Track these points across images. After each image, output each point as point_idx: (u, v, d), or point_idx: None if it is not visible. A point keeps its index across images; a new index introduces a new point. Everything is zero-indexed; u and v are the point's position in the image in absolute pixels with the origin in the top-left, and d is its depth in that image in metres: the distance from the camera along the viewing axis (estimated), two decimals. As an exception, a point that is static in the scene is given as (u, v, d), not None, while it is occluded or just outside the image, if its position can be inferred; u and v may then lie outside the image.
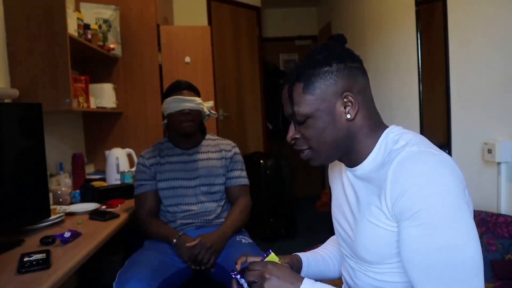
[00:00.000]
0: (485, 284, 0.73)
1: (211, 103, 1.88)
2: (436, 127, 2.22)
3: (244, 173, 1.86)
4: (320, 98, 0.84)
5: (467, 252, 0.71)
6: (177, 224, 1.73)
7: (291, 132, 0.90)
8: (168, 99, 1.73)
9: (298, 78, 0.86)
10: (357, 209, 0.88)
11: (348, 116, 0.84)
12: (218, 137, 1.91)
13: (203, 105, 1.78)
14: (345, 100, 0.84)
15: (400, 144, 0.81)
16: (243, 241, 1.67)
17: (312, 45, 0.90)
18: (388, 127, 0.89)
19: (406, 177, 0.74)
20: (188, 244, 1.56)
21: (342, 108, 0.84)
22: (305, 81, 0.85)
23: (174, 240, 1.60)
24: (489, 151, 1.64)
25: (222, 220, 1.75)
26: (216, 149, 1.84)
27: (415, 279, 0.75)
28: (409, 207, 0.73)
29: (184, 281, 1.65)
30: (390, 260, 0.83)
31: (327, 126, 0.84)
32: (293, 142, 0.91)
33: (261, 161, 3.53)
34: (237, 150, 1.88)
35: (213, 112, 1.87)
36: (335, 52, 0.86)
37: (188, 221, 1.73)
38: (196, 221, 1.73)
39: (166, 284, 1.51)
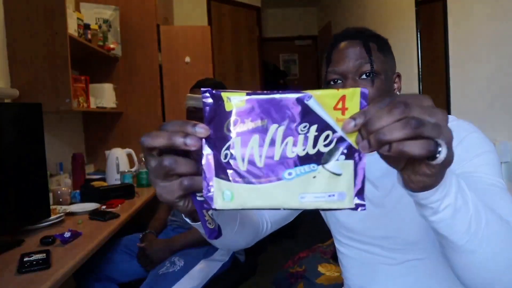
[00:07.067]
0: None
1: None
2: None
3: None
4: (389, 64, 0.83)
5: None
6: (168, 220, 1.78)
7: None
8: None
9: (369, 38, 0.81)
10: (381, 195, 0.85)
11: (398, 93, 0.85)
12: None
13: None
14: (397, 79, 0.86)
15: None
16: (161, 270, 1.47)
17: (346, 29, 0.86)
18: None
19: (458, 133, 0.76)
20: (138, 244, 1.64)
21: (394, 85, 0.85)
22: (377, 43, 0.82)
23: (140, 235, 1.69)
24: (489, 151, 1.64)
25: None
26: None
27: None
28: (472, 148, 0.74)
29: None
30: (430, 237, 0.78)
31: (388, 92, 0.82)
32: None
33: (261, 161, 3.52)
34: None
35: None
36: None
37: (173, 218, 1.77)
38: (178, 220, 1.75)
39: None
